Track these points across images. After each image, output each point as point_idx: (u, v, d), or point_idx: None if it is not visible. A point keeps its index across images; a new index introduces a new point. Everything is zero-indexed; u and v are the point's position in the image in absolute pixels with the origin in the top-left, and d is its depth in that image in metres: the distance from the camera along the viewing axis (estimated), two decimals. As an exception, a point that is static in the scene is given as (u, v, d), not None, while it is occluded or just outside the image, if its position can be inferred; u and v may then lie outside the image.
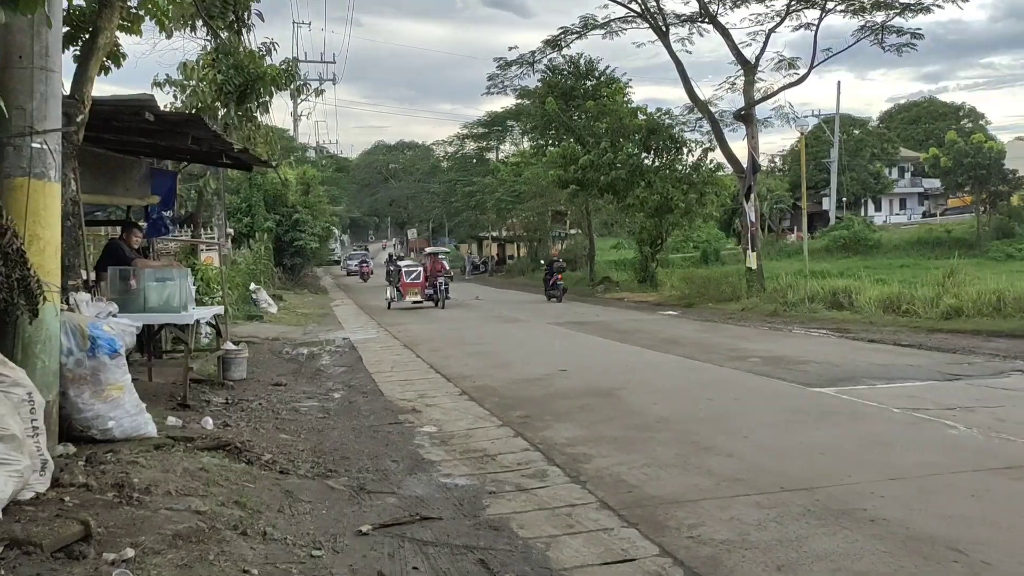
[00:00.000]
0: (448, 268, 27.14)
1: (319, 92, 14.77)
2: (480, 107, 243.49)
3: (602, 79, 34.67)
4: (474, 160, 63.16)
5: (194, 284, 14.05)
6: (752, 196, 22.76)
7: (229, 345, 11.18)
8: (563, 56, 32.95)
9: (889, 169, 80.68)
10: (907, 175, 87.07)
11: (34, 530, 3.86)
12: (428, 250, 31.21)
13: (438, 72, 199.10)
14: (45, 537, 3.76)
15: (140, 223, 10.29)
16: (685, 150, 28.38)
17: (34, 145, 6.06)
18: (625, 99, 31.72)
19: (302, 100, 48.97)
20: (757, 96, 24.03)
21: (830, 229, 53.58)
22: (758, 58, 23.72)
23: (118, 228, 10.93)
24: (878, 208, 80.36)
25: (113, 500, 4.61)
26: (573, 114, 32.34)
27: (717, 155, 28.29)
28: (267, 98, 14.09)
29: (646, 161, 29.16)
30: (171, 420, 7.57)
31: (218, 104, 13.22)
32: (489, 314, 23.24)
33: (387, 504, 5.60)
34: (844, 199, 69.76)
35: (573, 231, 44.62)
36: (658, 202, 27.69)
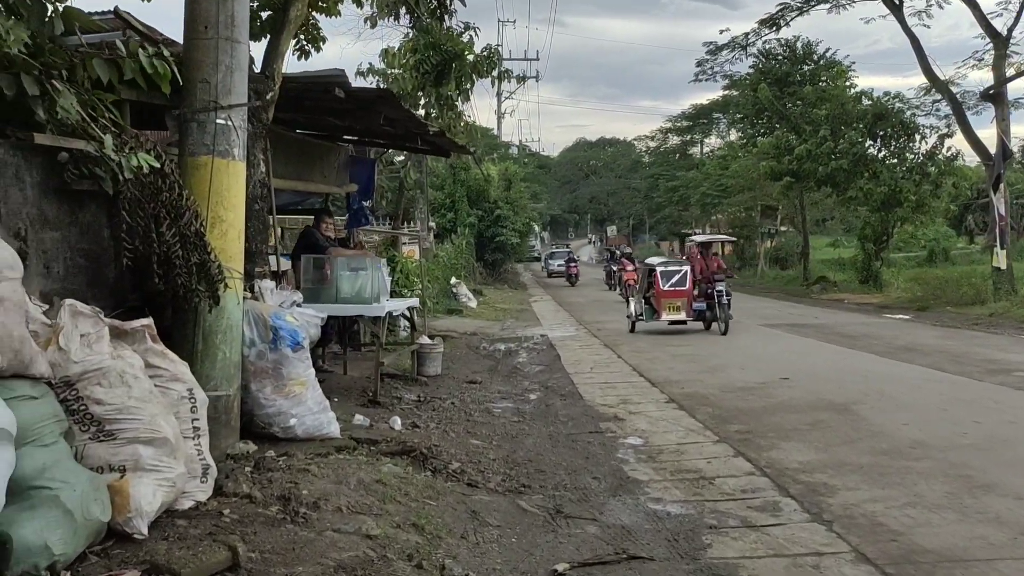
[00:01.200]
0: (726, 266, 17.87)
1: (522, 80, 14.15)
2: (682, 102, 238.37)
3: (821, 63, 32.10)
4: (676, 155, 61.27)
5: (393, 276, 13.87)
6: (1001, 186, 19.99)
7: (424, 339, 10.75)
8: (778, 39, 30.85)
9: None
10: None
11: (177, 554, 3.28)
12: (698, 238, 19.62)
13: (640, 68, 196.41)
14: (186, 564, 3.17)
15: (333, 214, 10.01)
16: (918, 137, 25.55)
17: (218, 121, 5.66)
18: (847, 83, 29.14)
19: (507, 97, 49.19)
20: (1010, 72, 21.09)
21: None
22: (1011, 29, 20.79)
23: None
24: None
25: (276, 516, 4.01)
26: (787, 102, 30.08)
27: (955, 141, 25.35)
28: (468, 85, 13.66)
29: (871, 150, 26.57)
30: (358, 419, 7.07)
31: (420, 94, 12.92)
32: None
33: (587, 534, 4.72)
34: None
35: (783, 228, 41.95)
36: (885, 195, 25.09)
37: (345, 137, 10.26)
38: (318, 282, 8.41)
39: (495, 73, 14.29)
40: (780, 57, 32.25)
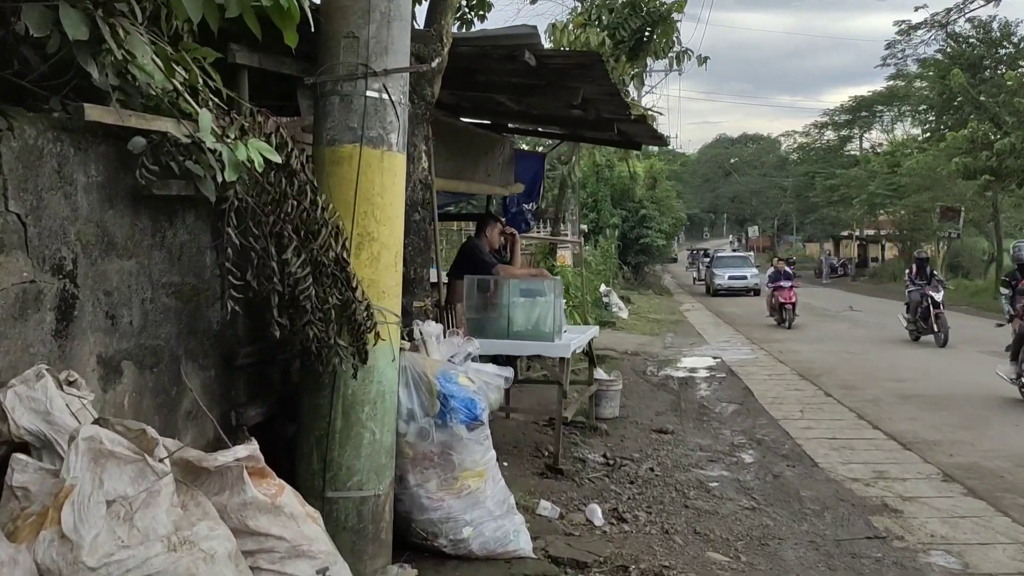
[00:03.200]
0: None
1: (703, 60, 11.99)
2: (823, 98, 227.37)
3: (1022, 46, 28.16)
4: (834, 151, 56.85)
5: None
6: None
7: (601, 374, 8.77)
8: (971, 21, 27.15)
9: None
10: None
11: None
12: None
13: (778, 63, 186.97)
14: None
15: (501, 219, 8.07)
16: None
17: (369, 94, 3.85)
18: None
19: (647, 92, 46.56)
20: None
21: None
22: None
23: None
24: None
25: None
26: (982, 90, 26.41)
27: None
28: (642, 68, 11.62)
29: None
30: (544, 507, 5.17)
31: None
32: (884, 332, 18.90)
33: None
34: None
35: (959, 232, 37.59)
36: (1110, 196, 21.36)
37: (510, 125, 8.39)
38: (483, 310, 6.58)
39: (673, 53, 12.13)
40: (972, 40, 28.52)
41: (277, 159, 3.14)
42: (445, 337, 4.45)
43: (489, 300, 6.61)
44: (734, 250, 58.99)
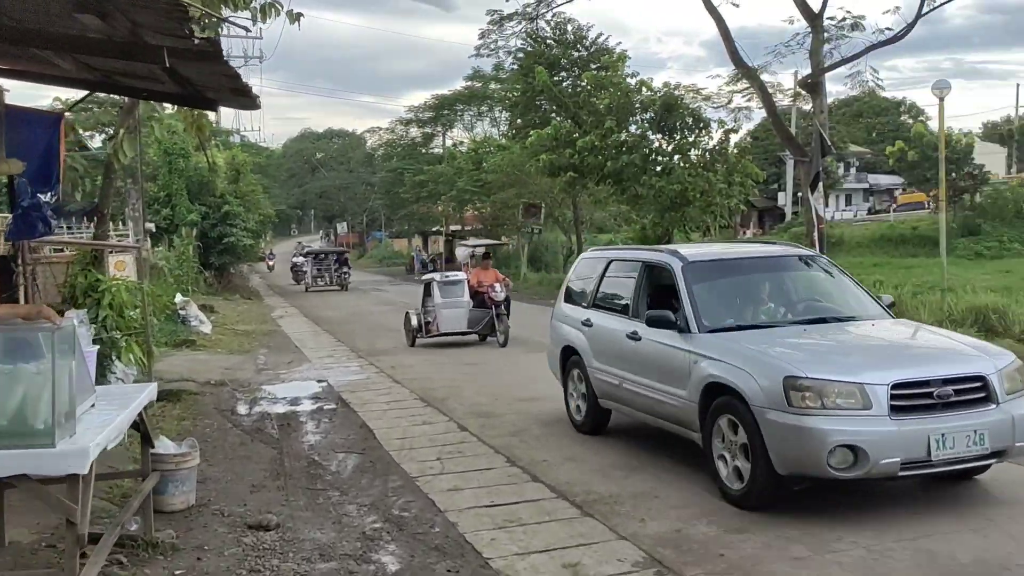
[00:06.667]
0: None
1: (296, 17, 9.46)
2: (400, 100, 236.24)
3: (593, 50, 29.59)
4: (411, 148, 57.48)
5: (98, 318, 8.63)
6: (819, 185, 18.16)
7: (166, 446, 5.89)
8: (547, 22, 27.84)
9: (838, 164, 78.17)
10: (852, 171, 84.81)
11: None
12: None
13: (358, 64, 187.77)
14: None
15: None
16: (711, 130, 23.39)
17: None
18: (628, 73, 26.66)
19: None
20: (829, 60, 19.39)
21: (788, 226, 49.67)
22: (821, 12, 19.03)
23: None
24: (826, 204, 77.64)
25: None
26: (559, 89, 27.18)
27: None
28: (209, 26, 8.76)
29: (656, 144, 24.22)
30: None
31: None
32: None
33: None
34: (799, 194, 66.34)
35: (539, 227, 39.50)
36: (675, 193, 22.68)
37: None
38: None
39: (257, 3, 9.46)
40: (549, 41, 29.39)
41: None
42: None
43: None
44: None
